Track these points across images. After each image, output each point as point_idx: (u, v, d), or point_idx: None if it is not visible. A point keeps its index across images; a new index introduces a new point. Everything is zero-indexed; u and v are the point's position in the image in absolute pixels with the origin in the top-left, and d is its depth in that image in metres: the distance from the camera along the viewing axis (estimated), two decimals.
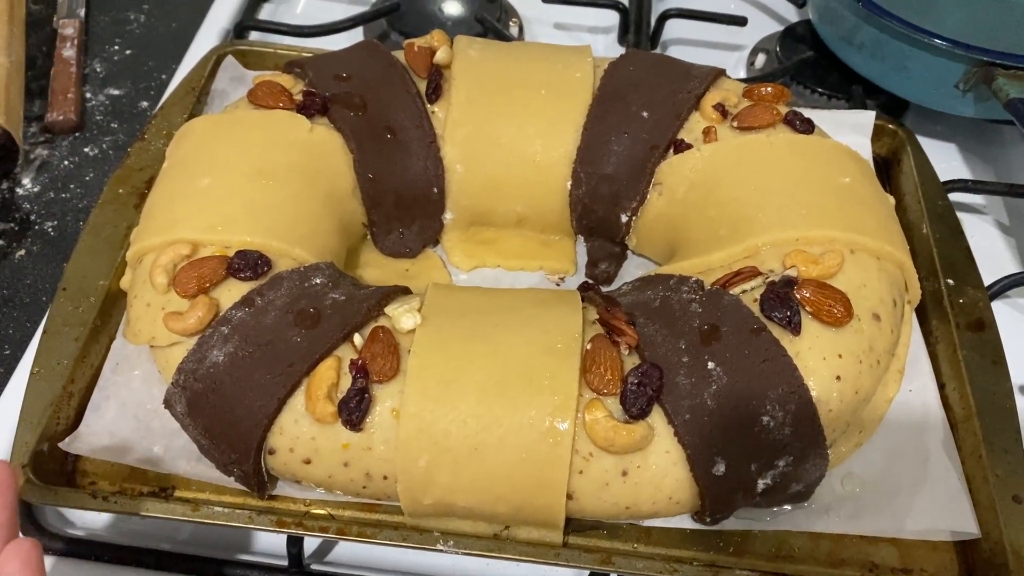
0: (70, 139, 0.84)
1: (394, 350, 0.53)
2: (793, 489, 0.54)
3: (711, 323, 0.54)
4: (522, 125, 0.66)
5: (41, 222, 0.77)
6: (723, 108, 0.65)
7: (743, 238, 0.59)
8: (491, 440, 0.50)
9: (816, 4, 0.90)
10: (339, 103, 0.65)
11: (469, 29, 0.89)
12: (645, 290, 0.59)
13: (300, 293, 0.55)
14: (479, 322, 0.54)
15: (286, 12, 0.96)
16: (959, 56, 0.77)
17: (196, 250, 0.57)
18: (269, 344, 0.53)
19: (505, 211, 0.68)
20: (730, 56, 0.96)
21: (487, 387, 0.51)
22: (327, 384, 0.51)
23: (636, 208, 0.66)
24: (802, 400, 0.52)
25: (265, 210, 0.59)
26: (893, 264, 0.60)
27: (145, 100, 0.88)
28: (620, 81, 0.67)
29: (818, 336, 0.54)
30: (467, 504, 0.52)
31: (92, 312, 0.60)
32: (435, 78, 0.67)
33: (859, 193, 0.61)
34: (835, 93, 0.88)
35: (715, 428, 0.51)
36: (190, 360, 0.53)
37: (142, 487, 0.56)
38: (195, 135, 0.64)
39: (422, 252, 0.70)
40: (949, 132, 0.88)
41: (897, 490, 0.58)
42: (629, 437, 0.50)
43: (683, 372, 0.52)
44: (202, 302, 0.54)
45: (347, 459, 0.52)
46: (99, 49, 0.92)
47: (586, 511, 0.53)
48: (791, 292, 0.55)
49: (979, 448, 0.58)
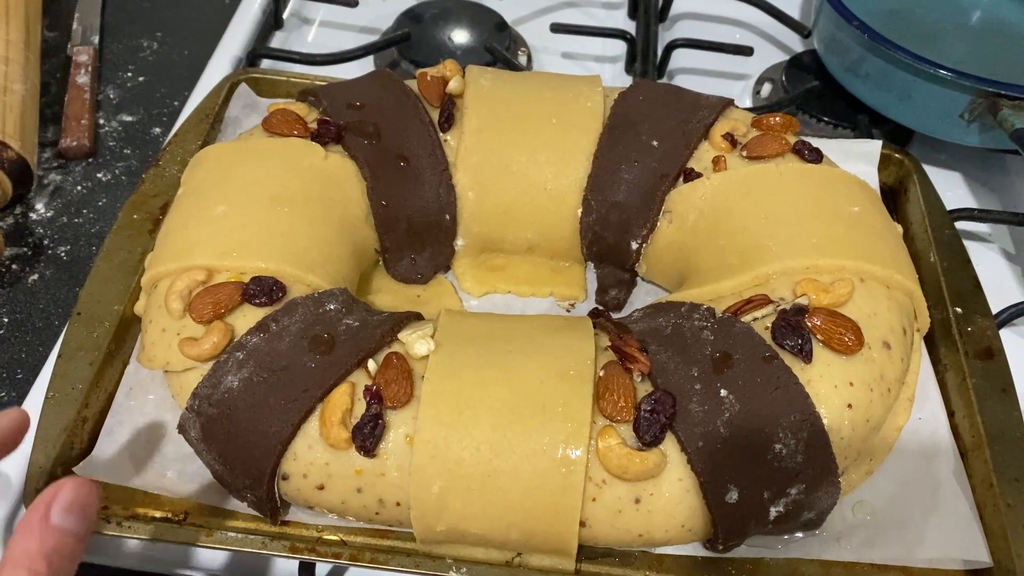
0: (83, 165, 0.84)
1: (408, 376, 0.53)
2: (805, 517, 0.54)
3: (723, 350, 0.54)
4: (533, 153, 0.67)
5: (54, 247, 0.78)
6: (732, 137, 0.66)
7: (754, 266, 0.59)
8: (505, 467, 0.50)
9: (822, 34, 0.91)
10: (353, 131, 0.66)
11: (479, 58, 0.90)
12: (656, 317, 0.59)
13: (314, 319, 0.56)
14: (492, 348, 0.55)
15: (297, 40, 0.98)
16: (964, 87, 0.78)
17: (211, 276, 0.57)
18: (284, 370, 0.53)
19: (516, 238, 0.69)
20: (736, 85, 0.97)
21: (501, 414, 0.51)
22: (341, 410, 0.51)
23: (646, 235, 0.67)
24: (814, 428, 0.52)
25: (280, 237, 0.59)
26: (903, 293, 0.60)
27: (158, 127, 0.89)
28: (630, 111, 0.68)
29: (829, 364, 0.54)
30: (480, 531, 0.52)
31: (107, 337, 0.61)
32: (447, 107, 0.68)
33: (868, 222, 0.61)
34: (841, 122, 0.89)
35: (728, 456, 0.51)
36: (205, 385, 0.53)
37: (155, 512, 0.56)
38: (210, 162, 0.65)
39: (433, 278, 0.70)
40: (954, 161, 0.89)
41: (908, 518, 0.58)
42: (642, 464, 0.50)
43: (696, 399, 0.52)
44: (217, 328, 0.54)
45: (360, 485, 0.52)
46: (112, 76, 0.93)
47: (599, 538, 0.53)
48: (802, 320, 0.55)
49: (990, 476, 0.58)
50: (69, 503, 0.38)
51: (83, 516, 0.39)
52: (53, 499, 0.38)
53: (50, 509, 0.38)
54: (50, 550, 0.37)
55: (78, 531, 0.38)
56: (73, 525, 0.38)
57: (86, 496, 0.39)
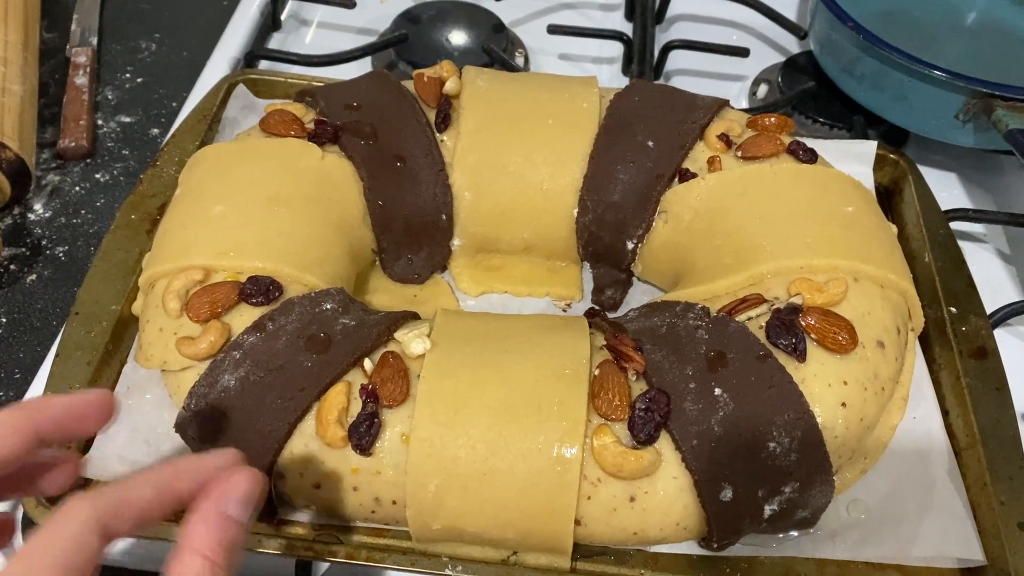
0: (81, 165, 0.85)
1: (404, 375, 0.53)
2: (799, 515, 0.54)
3: (717, 349, 0.54)
4: (530, 154, 0.67)
5: (52, 247, 0.78)
6: (727, 138, 0.66)
7: (748, 266, 0.60)
8: (500, 466, 0.51)
9: (817, 35, 0.92)
10: (350, 132, 0.66)
11: (476, 59, 0.91)
12: (651, 316, 0.60)
13: (311, 318, 0.56)
14: (488, 347, 0.55)
15: (295, 42, 0.98)
16: (959, 87, 0.78)
17: (208, 276, 0.57)
18: (280, 369, 0.53)
19: (512, 238, 0.69)
20: (732, 86, 0.97)
21: (496, 412, 0.51)
22: (337, 409, 0.52)
23: (642, 236, 0.67)
24: (808, 426, 0.52)
25: (277, 237, 0.60)
26: (897, 292, 0.60)
27: (156, 127, 0.89)
28: (626, 111, 0.68)
29: (823, 363, 0.54)
30: (476, 529, 0.52)
31: (104, 336, 0.61)
32: (444, 107, 0.68)
33: (863, 222, 0.62)
34: (836, 123, 0.89)
35: (722, 454, 0.51)
36: (202, 384, 0.54)
37: None
38: (208, 162, 0.65)
39: (430, 278, 0.71)
40: (949, 162, 0.89)
41: (902, 517, 0.58)
42: (637, 463, 0.51)
43: (690, 398, 0.52)
44: (214, 327, 0.55)
45: (356, 484, 0.53)
46: (111, 77, 0.94)
47: (594, 537, 0.53)
48: (796, 319, 0.55)
49: (984, 475, 0.58)
50: (246, 495, 0.39)
51: (254, 508, 0.39)
52: (228, 490, 0.38)
53: (227, 501, 0.38)
54: (228, 542, 0.37)
55: (246, 523, 0.39)
56: (245, 517, 0.38)
57: (258, 488, 0.39)
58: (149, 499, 0.38)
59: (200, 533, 0.37)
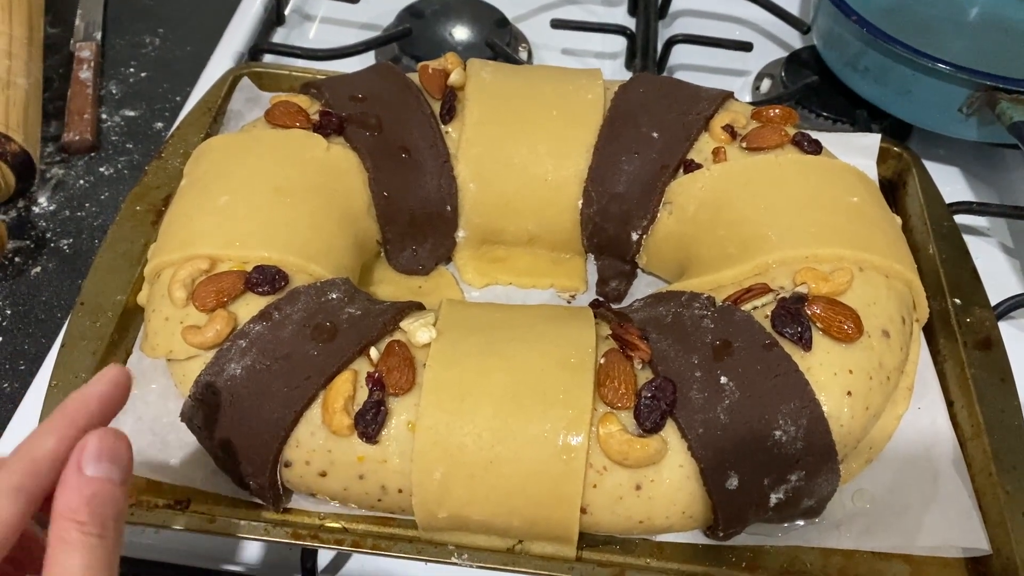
0: (86, 159, 0.85)
1: (410, 363, 0.53)
2: (805, 504, 0.54)
3: (723, 338, 0.54)
4: (534, 145, 0.67)
5: (57, 240, 0.78)
6: (732, 129, 0.66)
7: (753, 256, 0.60)
8: (506, 453, 0.51)
9: (820, 30, 0.92)
10: (355, 123, 0.66)
11: (479, 54, 0.91)
12: (657, 306, 0.60)
13: (317, 308, 0.56)
14: (493, 336, 0.55)
15: (299, 37, 0.98)
16: (962, 80, 0.78)
17: (214, 265, 0.57)
18: (286, 357, 0.53)
19: (517, 229, 0.69)
20: (735, 81, 0.97)
21: (502, 401, 0.51)
22: (344, 397, 0.52)
23: (646, 227, 0.67)
24: (814, 415, 0.52)
25: (282, 227, 0.60)
26: (901, 282, 0.60)
27: (160, 121, 0.89)
28: (630, 103, 0.68)
29: (829, 352, 0.54)
30: (482, 517, 0.52)
31: (109, 326, 0.61)
32: (449, 99, 0.68)
33: (867, 212, 0.62)
34: (840, 117, 0.89)
35: (728, 442, 0.51)
36: (208, 373, 0.54)
37: (157, 499, 0.56)
38: (213, 153, 0.65)
39: (435, 270, 0.71)
40: (953, 155, 0.89)
41: (907, 506, 0.58)
42: (643, 451, 0.51)
43: (696, 387, 0.52)
44: (220, 316, 0.55)
45: (362, 472, 0.53)
46: (115, 71, 0.94)
47: (600, 525, 0.53)
48: (802, 308, 0.55)
49: (989, 465, 0.58)
50: (98, 451, 0.38)
51: (114, 460, 0.39)
52: (81, 450, 0.38)
53: (83, 461, 0.38)
54: (88, 497, 0.37)
55: (113, 476, 0.38)
56: (109, 472, 0.38)
57: (111, 442, 0.39)
58: (54, 447, 0.38)
59: (62, 499, 0.37)
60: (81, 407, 0.40)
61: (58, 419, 0.39)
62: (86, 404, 0.40)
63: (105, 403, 0.41)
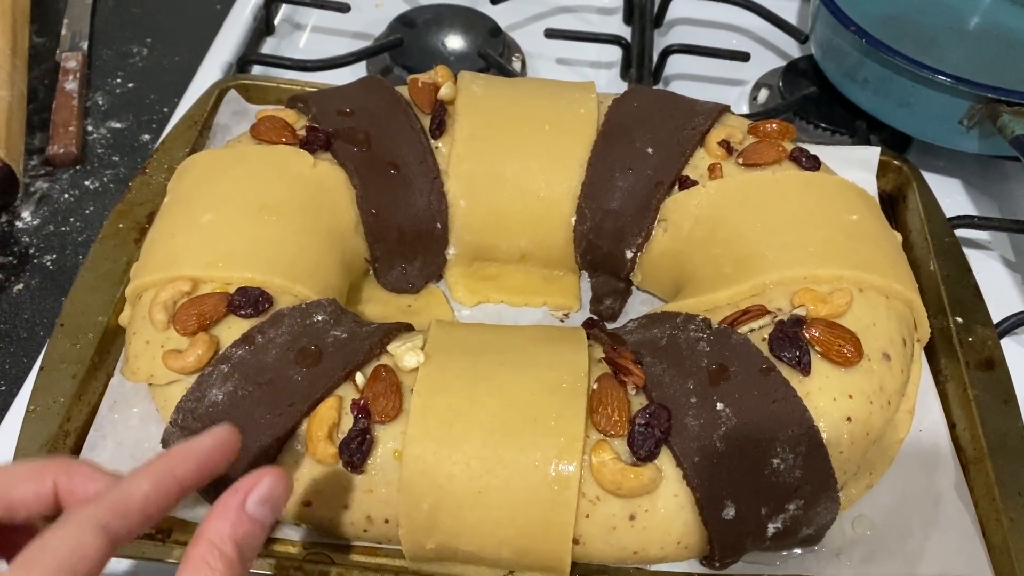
0: (71, 172, 0.83)
1: (396, 389, 0.52)
2: (803, 533, 0.53)
3: (719, 363, 0.53)
4: (526, 161, 0.66)
5: (40, 256, 0.76)
6: (728, 145, 0.65)
7: (750, 276, 0.58)
8: (496, 483, 0.49)
9: (819, 40, 0.90)
10: (342, 138, 0.65)
11: (472, 64, 0.89)
12: (651, 328, 0.58)
13: (301, 331, 0.54)
14: (483, 360, 0.54)
15: (289, 46, 0.96)
16: (963, 92, 0.77)
17: (196, 287, 0.56)
18: (269, 383, 0.52)
19: (509, 246, 0.68)
20: (732, 91, 0.96)
21: (492, 428, 0.50)
22: (328, 424, 0.50)
23: (641, 244, 0.65)
24: (813, 442, 0.51)
25: (267, 246, 0.58)
26: (902, 302, 0.59)
27: (147, 133, 0.88)
28: (624, 117, 0.67)
29: (828, 376, 0.53)
30: (471, 548, 0.51)
31: (90, 349, 0.59)
32: (439, 114, 0.67)
33: (867, 230, 0.60)
34: (838, 128, 0.88)
35: (724, 471, 0.50)
36: (189, 399, 0.52)
37: None
38: (197, 170, 0.64)
39: (425, 288, 0.69)
40: (952, 167, 0.88)
41: (909, 533, 0.57)
42: (637, 480, 0.49)
43: (691, 413, 0.51)
44: (202, 340, 0.53)
45: (348, 502, 0.51)
46: (101, 82, 0.92)
47: (593, 556, 0.52)
48: (800, 331, 0.54)
49: (992, 490, 0.57)
50: (267, 495, 0.39)
51: (274, 508, 0.40)
52: (252, 488, 0.39)
53: (248, 497, 0.39)
54: (241, 537, 0.38)
55: (266, 522, 0.40)
56: (264, 516, 0.39)
57: (282, 490, 0.40)
58: (147, 492, 0.38)
59: (216, 526, 0.38)
60: (183, 460, 0.40)
61: (159, 466, 0.39)
62: (188, 457, 0.40)
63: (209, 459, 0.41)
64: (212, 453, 0.41)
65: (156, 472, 0.39)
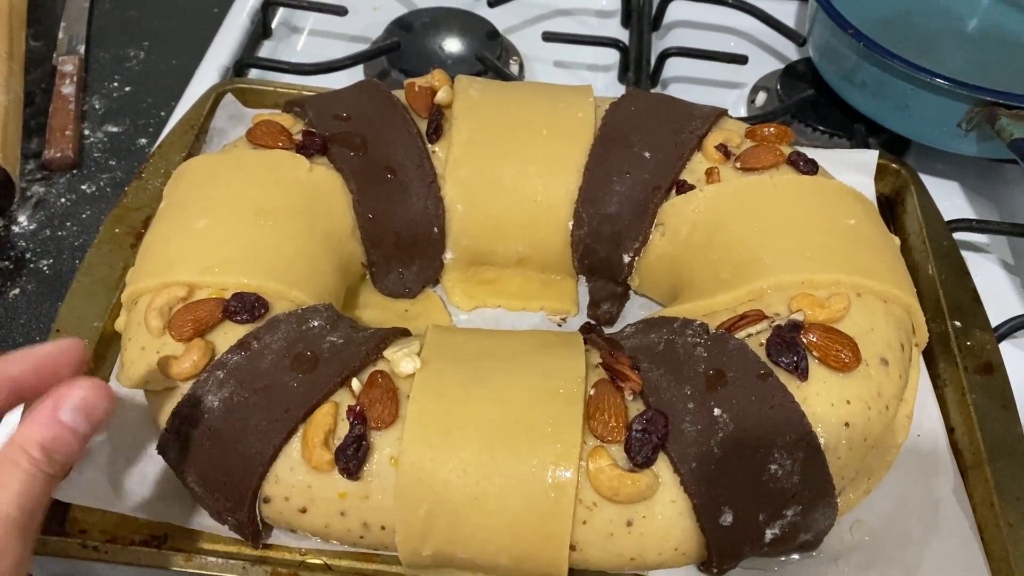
0: (67, 176, 0.83)
1: (393, 395, 0.51)
2: (801, 539, 0.53)
3: (717, 368, 0.53)
4: (523, 165, 0.66)
5: (36, 260, 0.76)
6: (726, 149, 0.65)
7: (747, 280, 0.58)
8: (492, 490, 0.49)
9: (817, 43, 0.90)
10: (339, 143, 0.64)
11: (470, 67, 0.89)
12: (648, 333, 0.58)
13: (297, 336, 0.54)
14: (480, 366, 0.53)
15: (286, 50, 0.96)
16: (961, 96, 0.77)
17: (192, 292, 0.56)
18: (265, 389, 0.52)
19: (506, 251, 0.68)
20: (730, 94, 0.96)
21: (488, 434, 0.50)
22: (324, 431, 0.50)
23: (638, 248, 0.65)
24: (811, 448, 0.51)
25: (263, 251, 0.58)
26: (900, 307, 0.59)
27: (144, 137, 0.87)
28: (622, 121, 0.67)
29: (826, 382, 0.53)
30: (467, 555, 0.51)
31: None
32: (436, 118, 0.67)
33: (864, 235, 0.60)
34: (836, 131, 0.88)
35: (722, 477, 0.50)
36: (184, 405, 0.52)
37: (134, 535, 0.55)
38: (193, 175, 0.63)
39: (422, 292, 0.69)
40: (951, 170, 0.88)
41: (907, 539, 0.57)
42: (634, 486, 0.49)
43: (689, 419, 0.51)
44: (197, 346, 0.53)
45: (344, 508, 0.51)
46: (98, 86, 0.92)
47: (590, 562, 0.52)
48: (798, 336, 0.54)
49: (991, 495, 0.57)
50: (78, 403, 0.41)
51: (88, 418, 0.41)
52: (66, 396, 0.41)
53: (63, 405, 0.40)
54: (49, 440, 0.40)
55: (79, 429, 0.41)
56: (77, 424, 0.41)
57: (95, 398, 0.41)
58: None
59: (26, 429, 0.40)
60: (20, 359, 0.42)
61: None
62: (27, 357, 0.42)
63: (46, 362, 0.42)
64: (51, 357, 0.42)
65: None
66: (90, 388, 0.41)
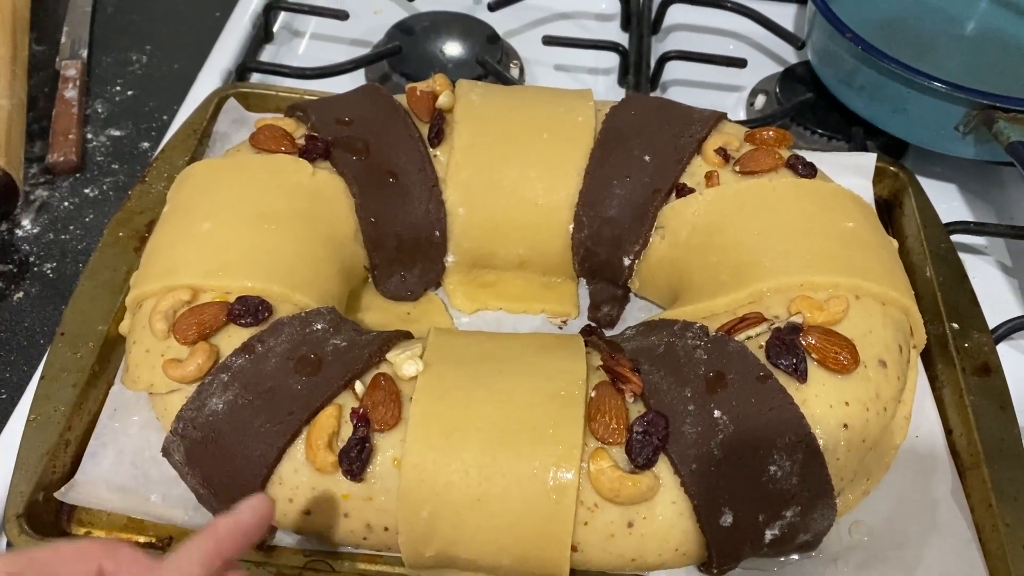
0: (70, 180, 0.83)
1: (396, 398, 0.52)
2: (801, 539, 0.53)
3: (717, 370, 0.53)
4: (524, 168, 0.66)
5: (40, 264, 0.77)
6: (725, 152, 0.65)
7: (747, 283, 0.59)
8: (494, 491, 0.49)
9: (815, 46, 0.91)
10: (341, 147, 0.65)
11: (470, 71, 0.90)
12: (649, 335, 0.58)
13: (301, 339, 0.55)
14: (482, 369, 0.54)
15: (288, 54, 0.97)
16: (959, 99, 0.77)
17: (196, 296, 0.56)
18: (269, 392, 0.52)
19: (507, 254, 0.68)
20: (729, 97, 0.96)
21: (490, 436, 0.50)
22: (328, 433, 0.51)
23: (639, 251, 0.66)
24: (810, 449, 0.51)
25: (266, 255, 0.59)
26: (898, 309, 0.59)
27: (146, 141, 0.88)
28: (622, 125, 0.67)
29: (824, 383, 0.53)
30: (470, 556, 0.51)
31: (91, 358, 0.60)
32: (437, 122, 0.67)
33: (863, 238, 0.61)
34: (835, 134, 0.88)
35: (722, 478, 0.50)
36: (189, 408, 0.52)
37: (139, 537, 0.55)
38: (196, 179, 0.64)
39: (424, 295, 0.70)
40: (949, 173, 0.88)
41: (906, 539, 0.57)
42: (635, 488, 0.49)
43: (689, 421, 0.51)
44: (202, 349, 0.53)
45: (347, 510, 0.51)
46: (101, 90, 0.92)
47: (591, 563, 0.52)
48: (797, 339, 0.54)
49: (988, 496, 0.57)
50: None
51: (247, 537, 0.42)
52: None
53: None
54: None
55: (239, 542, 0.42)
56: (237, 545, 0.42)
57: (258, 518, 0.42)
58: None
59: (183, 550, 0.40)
60: (228, 537, 0.41)
61: (207, 547, 0.40)
62: (233, 533, 0.41)
63: (250, 534, 0.42)
64: (252, 528, 0.42)
65: (205, 554, 0.40)
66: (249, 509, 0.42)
